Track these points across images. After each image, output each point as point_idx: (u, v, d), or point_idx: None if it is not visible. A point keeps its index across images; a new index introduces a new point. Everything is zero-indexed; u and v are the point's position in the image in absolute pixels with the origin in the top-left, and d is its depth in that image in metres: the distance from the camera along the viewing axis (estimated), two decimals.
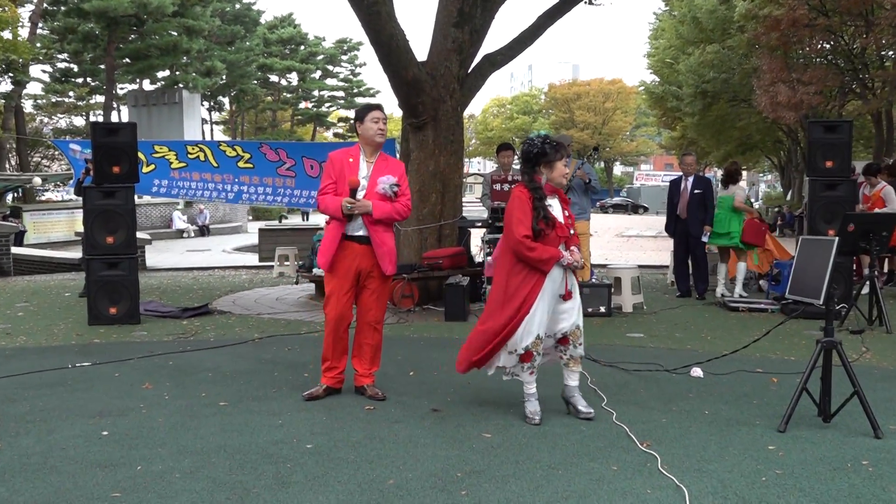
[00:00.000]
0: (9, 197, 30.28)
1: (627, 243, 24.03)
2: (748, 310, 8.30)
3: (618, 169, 78.53)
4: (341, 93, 57.97)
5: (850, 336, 6.67)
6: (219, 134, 55.81)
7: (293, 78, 55.88)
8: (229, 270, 15.15)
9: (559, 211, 4.17)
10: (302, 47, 54.37)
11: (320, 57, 55.55)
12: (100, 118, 38.45)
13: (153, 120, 32.68)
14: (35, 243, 20.68)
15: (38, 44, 33.37)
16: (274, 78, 54.61)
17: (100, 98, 40.12)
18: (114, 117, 37.96)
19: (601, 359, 5.72)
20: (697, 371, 5.31)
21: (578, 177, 8.67)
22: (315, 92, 56.92)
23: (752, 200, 12.80)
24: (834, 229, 7.68)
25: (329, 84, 57.21)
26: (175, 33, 36.81)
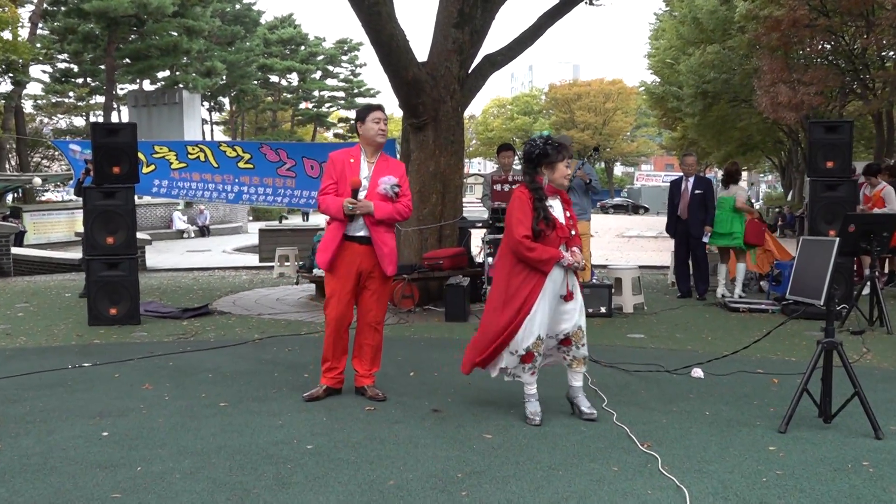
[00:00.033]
0: (9, 197, 30.29)
1: (628, 244, 24.03)
2: (749, 310, 8.30)
3: (618, 169, 78.57)
4: (342, 93, 58.02)
5: (851, 337, 6.67)
6: (219, 134, 55.86)
7: (293, 78, 55.94)
8: (229, 271, 15.14)
9: (560, 212, 4.17)
10: (302, 48, 54.40)
11: (321, 57, 55.58)
12: (100, 118, 38.49)
13: (153, 120, 32.70)
14: (35, 244, 20.69)
15: (38, 44, 33.38)
16: (274, 78, 54.64)
17: (100, 98, 40.15)
18: (114, 118, 37.98)
19: (602, 359, 5.72)
20: (698, 372, 5.30)
21: (579, 177, 8.67)
22: (315, 92, 56.97)
23: (753, 201, 12.81)
24: (834, 230, 7.68)
25: (329, 84, 57.25)
26: (175, 34, 36.82)
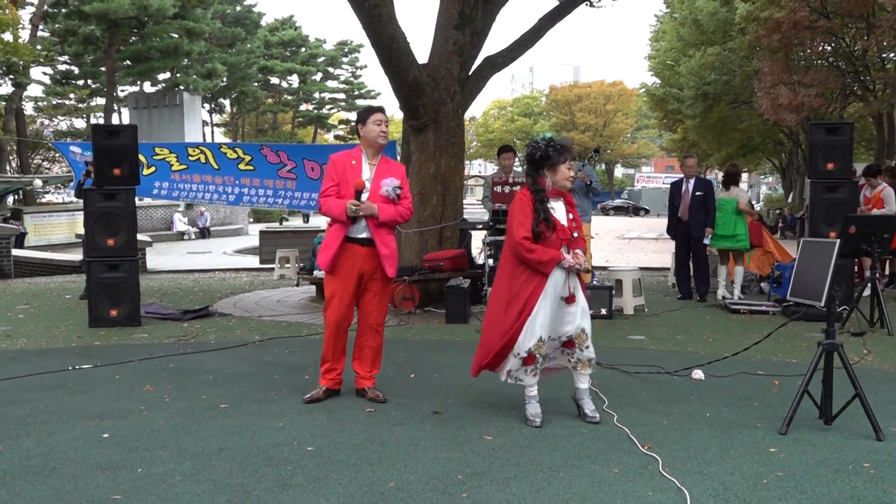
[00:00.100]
0: (9, 199, 30.33)
1: (628, 245, 24.01)
2: (749, 312, 8.30)
3: (619, 171, 78.58)
4: (342, 95, 58.01)
5: (852, 338, 6.64)
6: (219, 136, 55.90)
7: (294, 80, 55.94)
8: (230, 273, 15.14)
9: (563, 214, 4.16)
10: (303, 49, 54.40)
11: (321, 59, 55.58)
12: (100, 120, 38.51)
13: (154, 122, 32.71)
14: (36, 245, 20.69)
15: (39, 46, 33.36)
16: (275, 80, 54.63)
17: (100, 100, 40.17)
18: (114, 119, 37.99)
19: (602, 361, 5.71)
20: (698, 373, 5.30)
21: (580, 179, 8.68)
22: (316, 94, 56.97)
23: (753, 202, 12.81)
24: (835, 231, 7.68)
25: (330, 86, 57.25)
26: (176, 35, 36.84)
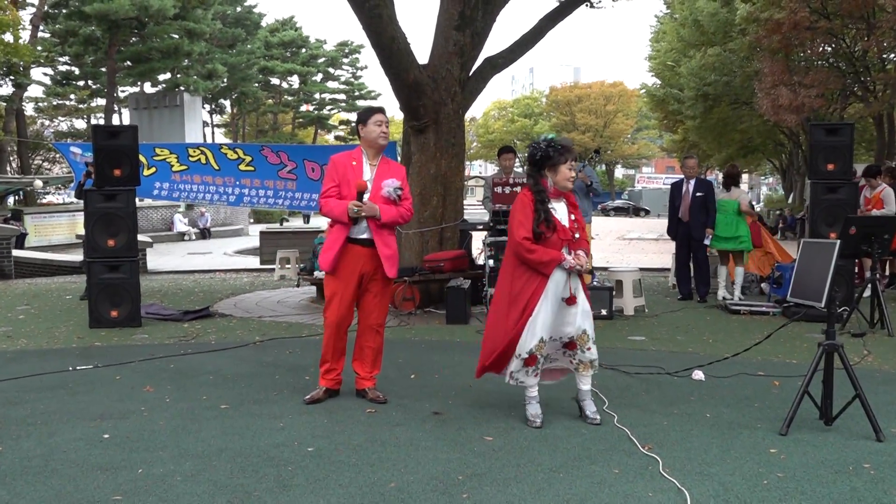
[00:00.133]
0: (10, 200, 30.34)
1: (629, 246, 24.01)
2: (750, 313, 8.29)
3: (619, 172, 78.57)
4: (342, 96, 58.03)
5: (852, 339, 6.64)
6: (220, 137, 55.90)
7: (294, 81, 55.97)
8: (230, 273, 15.14)
9: (565, 214, 4.15)
10: (303, 50, 54.43)
11: (321, 60, 55.61)
12: (101, 121, 38.55)
13: (154, 123, 32.71)
14: (36, 246, 20.70)
15: (40, 47, 33.42)
16: (275, 81, 54.65)
17: (101, 101, 40.20)
18: (115, 120, 38.00)
19: (603, 362, 5.70)
20: (699, 374, 5.30)
21: (580, 179, 8.68)
22: (316, 95, 57.01)
23: (753, 203, 12.84)
24: (835, 232, 7.67)
25: (330, 87, 57.28)
26: (176, 36, 36.87)
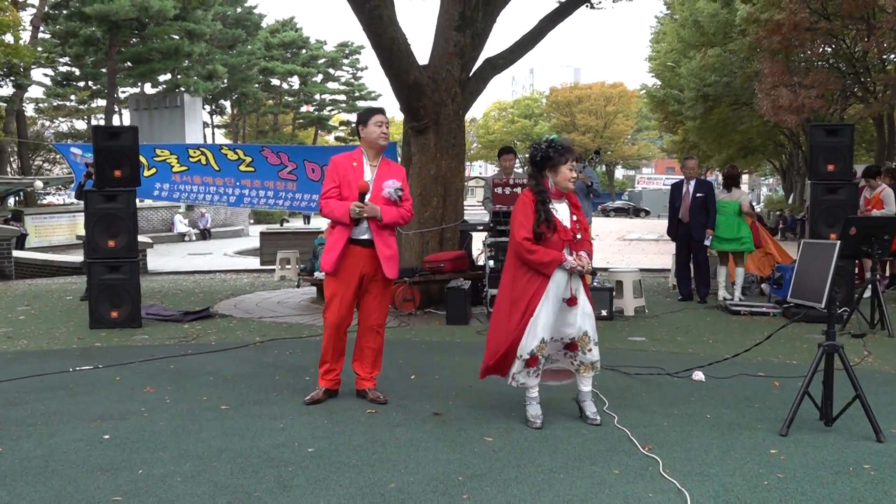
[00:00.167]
0: (10, 200, 30.33)
1: (629, 247, 24.02)
2: (750, 313, 8.30)
3: (619, 172, 78.56)
4: (343, 96, 58.04)
5: (852, 340, 6.65)
6: (220, 137, 55.91)
7: (295, 81, 55.99)
8: (231, 274, 15.15)
9: (566, 215, 4.15)
10: (303, 51, 54.45)
11: (322, 60, 55.63)
12: (101, 122, 38.55)
13: (155, 123, 32.73)
14: (37, 247, 20.72)
15: (40, 47, 33.41)
16: (275, 81, 54.66)
17: (101, 102, 40.19)
18: (115, 121, 38.02)
19: (603, 363, 5.70)
20: (699, 375, 5.30)
21: (580, 180, 8.69)
22: (317, 95, 57.02)
23: (753, 204, 12.88)
24: (836, 233, 7.67)
25: (330, 88, 57.29)
26: (176, 37, 36.87)
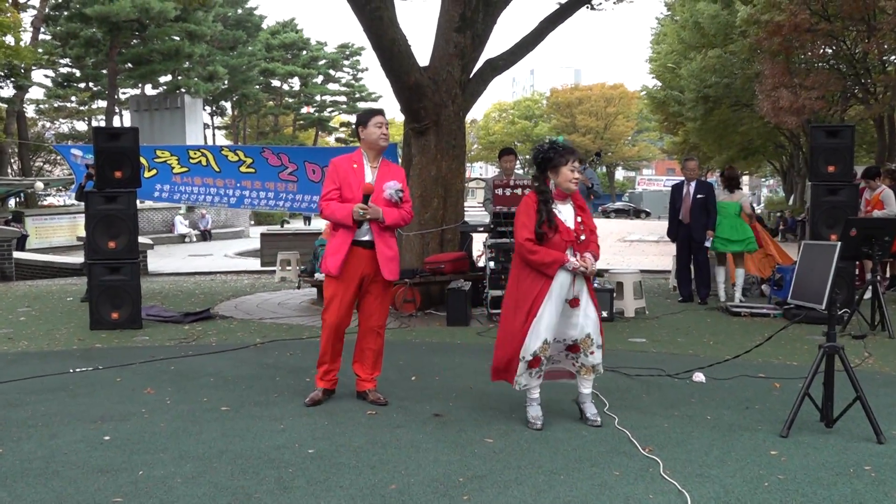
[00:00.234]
0: (11, 202, 30.35)
1: (629, 248, 24.02)
2: (750, 315, 8.30)
3: (620, 174, 78.55)
4: (343, 97, 58.03)
5: (853, 341, 6.66)
6: (221, 139, 55.96)
7: (295, 83, 56.00)
8: (231, 275, 15.16)
9: (571, 216, 4.15)
10: (304, 52, 54.47)
11: (322, 62, 55.65)
12: (102, 123, 38.55)
13: (155, 125, 32.77)
14: (37, 248, 20.73)
15: (41, 49, 33.40)
16: (276, 83, 54.69)
17: (102, 103, 40.18)
18: (116, 122, 38.02)
19: (603, 364, 5.70)
20: (699, 376, 5.30)
21: (581, 181, 8.69)
22: (317, 97, 57.03)
23: (754, 205, 12.92)
24: (836, 234, 7.67)
25: (331, 89, 57.29)
26: (177, 38, 36.91)
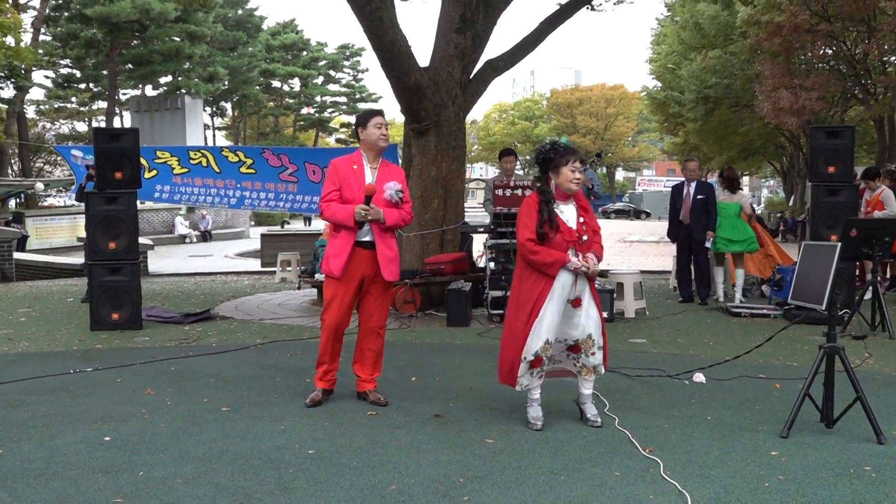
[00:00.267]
0: (11, 202, 30.35)
1: (630, 248, 24.02)
2: (751, 315, 8.29)
3: (620, 174, 78.57)
4: (343, 98, 58.05)
5: (853, 341, 6.65)
6: (221, 139, 55.99)
7: (295, 83, 56.02)
8: (231, 276, 15.16)
9: (573, 216, 4.15)
10: (304, 53, 54.50)
11: (322, 62, 55.67)
12: (102, 124, 38.58)
13: (156, 125, 32.78)
14: (37, 249, 20.74)
15: (41, 49, 33.43)
16: (276, 83, 54.72)
17: (102, 104, 40.21)
18: (116, 123, 38.04)
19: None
20: (700, 376, 5.30)
21: (581, 182, 8.69)
22: (317, 97, 57.06)
23: (754, 206, 12.94)
24: (836, 235, 7.67)
25: (331, 90, 57.31)
26: (177, 39, 36.94)
